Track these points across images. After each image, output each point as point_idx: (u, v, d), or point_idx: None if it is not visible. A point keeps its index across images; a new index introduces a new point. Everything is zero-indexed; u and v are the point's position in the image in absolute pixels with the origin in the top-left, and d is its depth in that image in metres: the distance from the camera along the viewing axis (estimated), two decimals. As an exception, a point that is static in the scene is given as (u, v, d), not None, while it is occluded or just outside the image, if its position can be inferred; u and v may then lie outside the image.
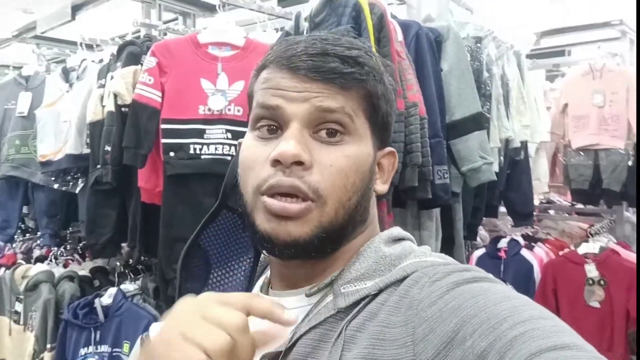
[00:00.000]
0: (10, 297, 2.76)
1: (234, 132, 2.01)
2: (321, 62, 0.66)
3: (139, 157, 2.06)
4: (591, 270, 2.91)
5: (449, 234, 2.19)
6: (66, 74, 2.70)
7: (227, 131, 2.01)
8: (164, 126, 2.03)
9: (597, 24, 3.90)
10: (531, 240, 3.32)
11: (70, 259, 2.97)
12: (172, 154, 2.01)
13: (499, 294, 0.59)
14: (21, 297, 2.67)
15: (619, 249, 3.03)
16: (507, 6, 4.77)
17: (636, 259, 2.94)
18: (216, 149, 2.01)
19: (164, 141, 2.03)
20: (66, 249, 3.01)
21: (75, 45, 2.98)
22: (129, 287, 2.49)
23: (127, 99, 2.12)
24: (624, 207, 3.51)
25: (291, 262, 0.70)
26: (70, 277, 2.63)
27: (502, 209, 3.03)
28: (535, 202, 3.25)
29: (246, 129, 0.74)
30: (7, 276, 2.81)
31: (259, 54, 1.91)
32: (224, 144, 2.01)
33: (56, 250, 3.00)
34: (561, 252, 3.13)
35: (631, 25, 3.69)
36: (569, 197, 4.05)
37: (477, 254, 3.25)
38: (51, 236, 2.92)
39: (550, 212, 4.04)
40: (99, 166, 2.25)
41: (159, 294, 2.36)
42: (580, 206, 3.86)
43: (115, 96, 2.14)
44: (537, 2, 5.38)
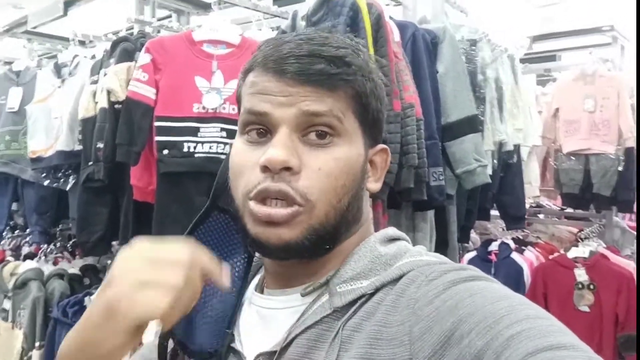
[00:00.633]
0: (-2, 294, 2.73)
1: (229, 131, 1.99)
2: (308, 64, 0.65)
3: (132, 155, 2.04)
4: (581, 274, 2.91)
5: (443, 236, 2.19)
6: (58, 69, 2.66)
7: (222, 129, 2.00)
8: (157, 124, 2.01)
9: (588, 30, 3.92)
10: (521, 243, 3.32)
11: (59, 257, 2.94)
12: (165, 151, 1.99)
13: (495, 293, 0.60)
14: (9, 294, 2.65)
15: (609, 254, 3.04)
16: (499, 10, 4.79)
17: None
18: (210, 148, 2.00)
19: (157, 139, 2.00)
20: (56, 247, 2.98)
21: (67, 41, 2.95)
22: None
23: (120, 96, 2.10)
24: (613, 212, 3.53)
25: (285, 262, 0.70)
26: (60, 275, 2.61)
27: (492, 213, 3.03)
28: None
29: None
30: (-5, 273, 2.78)
31: (255, 53, 1.90)
32: (218, 143, 2.00)
33: (46, 247, 2.97)
34: (551, 256, 3.15)
35: (622, 31, 3.72)
36: (559, 202, 4.07)
37: (468, 256, 3.25)
38: (41, 233, 2.89)
39: (539, 216, 4.05)
40: (90, 163, 2.23)
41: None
42: (569, 210, 3.88)
43: (108, 93, 2.12)
44: (528, 7, 5.41)
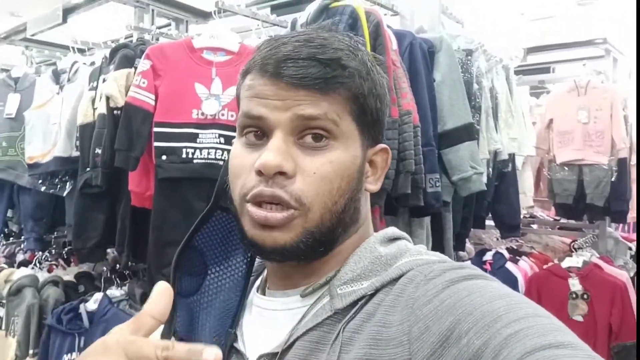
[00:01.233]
0: (-8, 301, 2.71)
1: (227, 137, 2.00)
2: (303, 68, 0.65)
3: (131, 160, 2.04)
4: (574, 284, 2.92)
5: (439, 243, 2.20)
6: (57, 76, 2.68)
7: (220, 136, 2.01)
8: (156, 129, 2.02)
9: (581, 42, 3.97)
10: (516, 253, 3.32)
11: (54, 264, 2.92)
12: (164, 157, 2.00)
13: (494, 291, 0.60)
14: (3, 301, 2.63)
15: (602, 264, 3.05)
16: (495, 22, 4.84)
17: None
18: (209, 154, 2.01)
19: (156, 144, 2.01)
20: (51, 254, 2.97)
21: (65, 48, 2.96)
22: (116, 292, 2.46)
23: (119, 102, 2.10)
24: (606, 223, 3.54)
25: (284, 263, 0.71)
26: (54, 282, 2.59)
27: (487, 222, 3.05)
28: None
29: None
30: (-10, 280, 2.76)
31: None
32: (216, 149, 2.01)
33: (40, 254, 2.95)
34: (545, 266, 3.16)
35: (615, 44, 3.77)
36: (552, 212, 4.09)
37: (463, 266, 3.25)
38: (36, 240, 2.88)
39: (533, 226, 4.07)
40: (88, 169, 2.23)
41: (146, 299, 2.32)
42: (563, 221, 3.89)
43: (107, 98, 2.13)
44: (523, 20, 5.47)
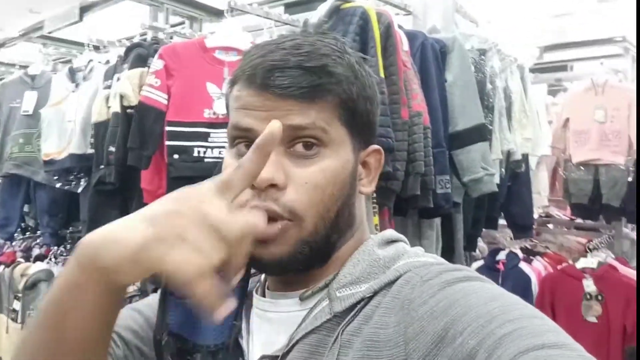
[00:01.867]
0: (8, 295, 2.76)
1: (238, 137, 2.01)
2: (290, 77, 0.64)
3: (143, 158, 2.07)
4: (589, 285, 2.89)
5: (449, 244, 2.20)
6: (72, 74, 2.71)
7: (232, 135, 2.02)
8: (168, 128, 2.04)
9: (599, 40, 3.92)
10: (530, 253, 3.29)
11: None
12: (176, 156, 2.02)
13: (489, 293, 0.60)
14: (20, 295, 2.68)
15: (617, 265, 3.01)
16: (511, 20, 4.79)
17: (636, 272, 2.94)
18: (220, 153, 2.03)
19: (168, 143, 2.04)
20: (66, 249, 3.01)
21: (81, 46, 3.00)
22: (129, 288, 2.49)
23: (133, 101, 2.13)
24: (622, 223, 3.50)
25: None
26: (69, 277, 2.62)
27: (501, 222, 3.03)
28: (534, 215, 3.25)
29: None
30: (6, 274, 2.82)
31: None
32: (227, 148, 2.02)
33: (56, 249, 3.00)
34: (559, 267, 3.13)
35: (634, 42, 3.71)
36: (568, 212, 4.05)
37: (476, 265, 3.23)
38: (51, 235, 2.92)
39: (549, 226, 4.03)
40: (102, 166, 2.26)
41: (158, 295, 2.35)
42: (579, 221, 3.85)
43: (121, 97, 2.15)
44: (541, 17, 5.41)
